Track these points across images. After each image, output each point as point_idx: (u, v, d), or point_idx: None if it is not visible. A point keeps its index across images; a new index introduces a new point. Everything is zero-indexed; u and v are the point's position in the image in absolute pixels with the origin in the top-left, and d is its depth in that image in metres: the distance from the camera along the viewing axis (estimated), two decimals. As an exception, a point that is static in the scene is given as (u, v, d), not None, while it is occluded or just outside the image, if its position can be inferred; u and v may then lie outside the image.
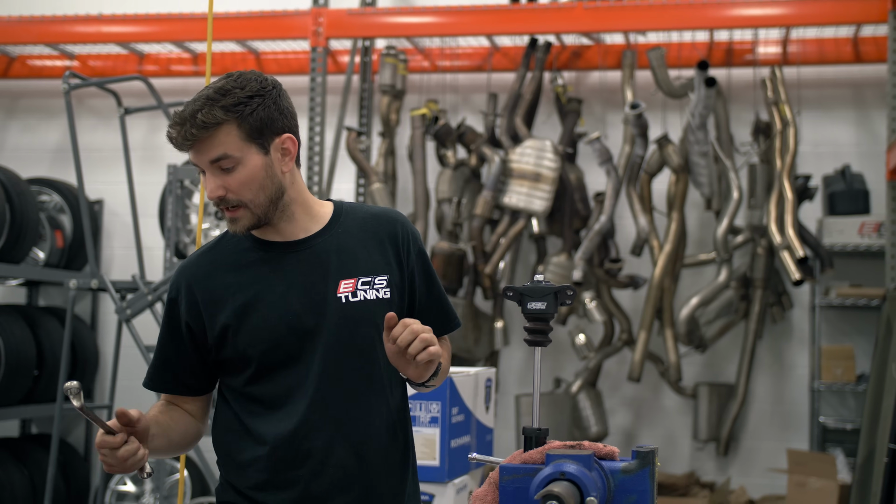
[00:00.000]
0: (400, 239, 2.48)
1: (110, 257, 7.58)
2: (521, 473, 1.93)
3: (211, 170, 2.30)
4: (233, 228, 2.35)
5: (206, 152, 2.28)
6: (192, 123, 2.25)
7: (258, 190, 2.32)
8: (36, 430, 7.48)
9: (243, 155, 2.29)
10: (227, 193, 2.30)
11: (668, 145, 6.43)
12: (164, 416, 2.44)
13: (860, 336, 6.56)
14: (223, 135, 2.27)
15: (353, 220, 2.48)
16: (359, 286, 2.40)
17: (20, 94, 7.91)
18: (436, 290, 2.54)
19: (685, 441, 6.75)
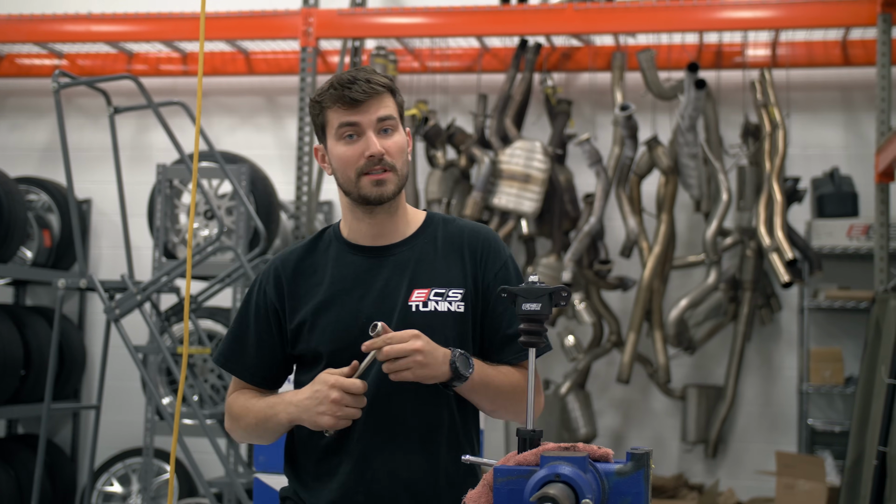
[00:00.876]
0: (479, 254, 2.48)
1: (98, 257, 7.56)
2: (516, 475, 1.92)
3: (375, 128, 2.40)
4: (380, 191, 2.41)
5: (376, 110, 2.40)
6: (366, 81, 2.39)
7: (404, 161, 2.45)
8: (22, 431, 7.44)
9: (398, 124, 2.45)
10: (386, 154, 2.40)
11: (657, 147, 6.43)
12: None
13: (848, 338, 6.57)
14: (388, 100, 2.43)
15: (441, 231, 2.51)
16: (431, 297, 2.43)
17: (8, 92, 7.88)
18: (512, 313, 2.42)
19: (674, 443, 6.76)
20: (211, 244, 5.23)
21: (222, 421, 5.51)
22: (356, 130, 2.40)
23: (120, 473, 6.82)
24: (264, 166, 6.79)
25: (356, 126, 2.40)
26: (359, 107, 2.39)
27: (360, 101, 2.38)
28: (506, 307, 2.45)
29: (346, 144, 2.41)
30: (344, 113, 2.40)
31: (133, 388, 6.95)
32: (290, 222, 6.87)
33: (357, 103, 2.38)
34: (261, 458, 3.47)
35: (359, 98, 2.38)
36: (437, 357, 2.29)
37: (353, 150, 2.40)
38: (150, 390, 5.37)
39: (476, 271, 2.47)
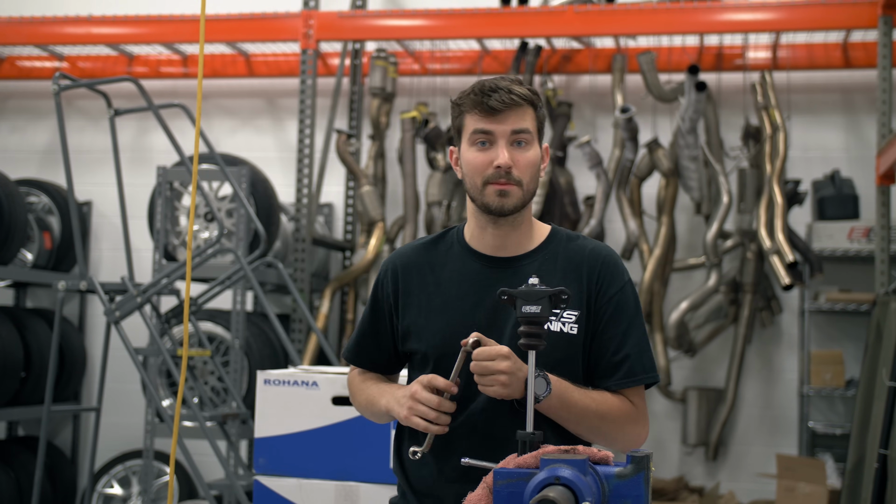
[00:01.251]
0: (597, 276, 2.45)
1: (98, 259, 7.56)
2: (516, 478, 1.92)
3: (508, 140, 2.39)
4: (501, 203, 2.40)
5: (513, 122, 2.39)
6: (508, 91, 2.38)
7: (533, 176, 2.44)
8: (23, 433, 7.44)
9: (534, 139, 2.44)
10: (513, 168, 2.39)
11: (657, 149, 6.43)
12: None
13: (849, 341, 6.57)
14: (527, 113, 2.42)
15: (563, 248, 2.49)
16: None
17: (9, 94, 7.88)
18: (627, 340, 2.43)
19: (674, 445, 6.75)
20: (211, 246, 5.22)
21: (222, 423, 5.51)
22: (489, 139, 2.40)
23: (120, 475, 6.82)
24: (265, 168, 6.78)
25: (489, 135, 2.39)
26: (495, 116, 2.38)
27: (497, 110, 2.37)
28: (615, 333, 2.41)
29: (478, 151, 2.41)
30: (480, 120, 2.40)
31: (133, 390, 6.95)
32: (290, 224, 6.86)
33: (494, 112, 2.38)
34: (261, 461, 3.47)
35: (496, 107, 2.37)
36: (520, 378, 2.25)
37: (483, 157, 2.40)
38: (150, 392, 5.36)
39: (592, 293, 2.44)
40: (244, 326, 6.02)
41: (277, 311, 7.15)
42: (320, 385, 3.40)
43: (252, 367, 6.14)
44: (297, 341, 6.43)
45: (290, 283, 5.69)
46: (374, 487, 3.33)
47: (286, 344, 5.39)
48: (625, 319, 2.42)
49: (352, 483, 3.35)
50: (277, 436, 3.42)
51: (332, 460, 3.37)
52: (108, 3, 7.45)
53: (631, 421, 2.40)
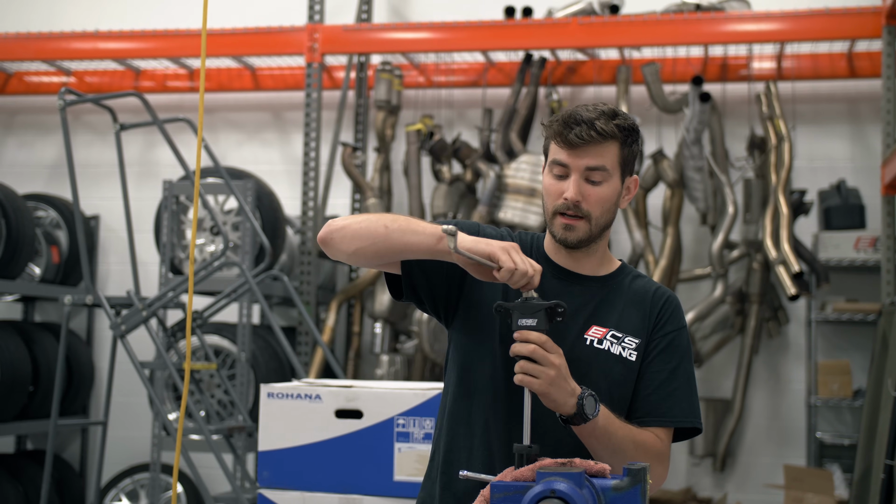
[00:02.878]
0: (659, 312, 2.45)
1: (106, 273, 7.58)
2: (513, 491, 1.93)
3: (581, 175, 2.37)
4: (565, 236, 2.40)
5: (589, 158, 2.37)
6: (590, 126, 2.35)
7: (605, 211, 2.41)
8: (31, 446, 7.46)
9: (612, 175, 2.39)
10: (582, 202, 2.37)
11: (663, 160, 6.44)
12: None
13: (857, 351, 6.55)
14: (609, 149, 2.38)
15: (630, 281, 2.49)
16: (608, 336, 2.40)
17: (17, 110, 7.92)
18: (675, 378, 2.41)
19: (682, 456, 6.74)
20: (216, 259, 5.24)
21: (228, 436, 5.52)
22: (564, 171, 2.39)
23: (128, 489, 6.83)
24: (271, 181, 6.80)
25: (565, 167, 2.39)
26: (574, 149, 2.36)
27: (575, 145, 2.36)
28: (663, 368, 2.41)
29: (553, 179, 2.41)
30: (559, 150, 2.39)
31: (141, 404, 6.96)
32: (296, 237, 6.88)
33: (573, 146, 2.36)
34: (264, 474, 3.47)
35: (575, 143, 2.36)
36: (566, 386, 2.20)
37: (556, 187, 2.40)
38: (157, 406, 5.38)
39: (650, 326, 2.44)
40: (250, 339, 6.03)
41: (284, 324, 7.17)
42: (324, 398, 3.40)
43: (258, 380, 6.14)
44: (303, 354, 6.44)
45: (295, 296, 5.70)
46: (378, 500, 3.33)
47: (290, 357, 5.40)
48: (676, 358, 2.42)
49: (355, 496, 3.35)
50: (281, 449, 3.42)
51: (335, 473, 3.37)
52: (114, 18, 7.49)
53: (661, 460, 2.38)
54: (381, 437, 3.33)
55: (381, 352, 6.66)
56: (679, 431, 2.44)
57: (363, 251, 2.39)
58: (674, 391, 2.39)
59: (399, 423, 3.32)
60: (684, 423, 2.39)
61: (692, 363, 2.46)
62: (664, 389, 2.39)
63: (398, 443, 3.32)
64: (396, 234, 2.35)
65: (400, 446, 3.32)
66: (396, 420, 3.32)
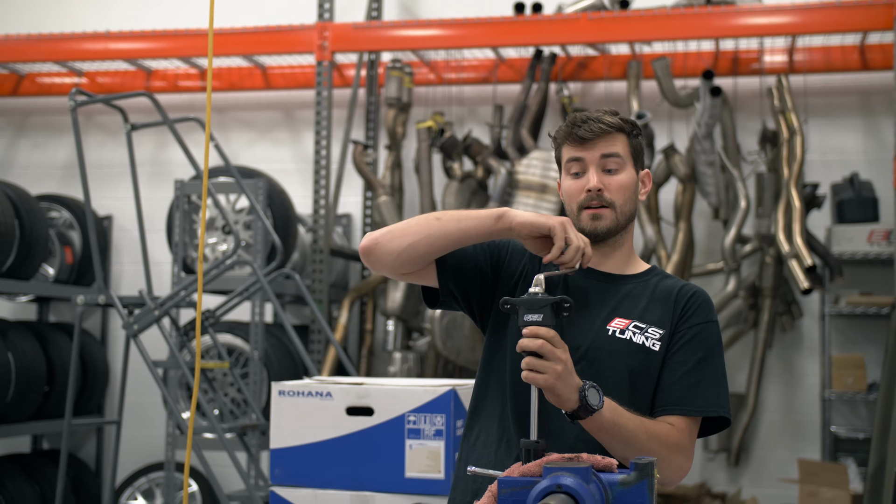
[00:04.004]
0: (684, 303, 2.47)
1: (120, 272, 7.61)
2: (520, 486, 1.92)
3: (599, 165, 2.48)
4: (594, 226, 2.47)
5: (603, 147, 2.47)
6: (598, 121, 2.48)
7: (628, 199, 2.50)
8: (47, 446, 7.49)
9: (627, 163, 2.50)
10: (605, 191, 2.47)
11: (674, 155, 6.42)
12: None
13: (871, 344, 6.53)
14: (618, 140, 2.50)
15: (658, 280, 2.53)
16: (630, 327, 2.43)
17: (30, 111, 7.95)
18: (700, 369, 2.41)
19: (696, 451, 6.70)
20: (228, 258, 5.25)
21: (241, 434, 5.53)
22: (581, 167, 2.49)
23: (143, 488, 6.85)
24: (282, 180, 6.81)
25: (581, 162, 2.48)
26: (585, 144, 2.48)
27: (587, 139, 2.47)
28: (689, 359, 2.41)
29: (572, 179, 2.50)
30: (572, 149, 2.50)
31: (155, 403, 6.98)
32: (307, 236, 6.89)
33: (584, 141, 2.47)
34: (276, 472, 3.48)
35: (586, 136, 2.47)
36: (571, 381, 2.20)
37: (577, 184, 2.49)
38: (170, 405, 5.39)
39: (676, 318, 2.46)
40: (263, 338, 6.04)
41: (297, 322, 7.18)
42: (334, 395, 3.40)
43: (271, 379, 6.15)
44: (315, 352, 6.44)
45: (307, 295, 5.70)
46: (390, 497, 3.33)
47: (302, 355, 5.41)
48: (702, 350, 2.42)
49: (367, 493, 3.35)
50: (293, 447, 3.43)
51: (347, 470, 3.37)
52: (125, 19, 7.51)
53: (678, 451, 2.36)
54: (392, 434, 3.33)
55: (394, 349, 6.66)
56: (708, 424, 2.44)
57: (416, 245, 2.45)
58: (698, 382, 2.39)
59: (410, 420, 3.32)
60: (708, 412, 2.38)
61: (722, 357, 2.46)
62: (688, 380, 2.39)
63: (409, 439, 3.32)
64: (451, 223, 2.44)
65: (411, 443, 3.32)
66: (407, 417, 3.32)
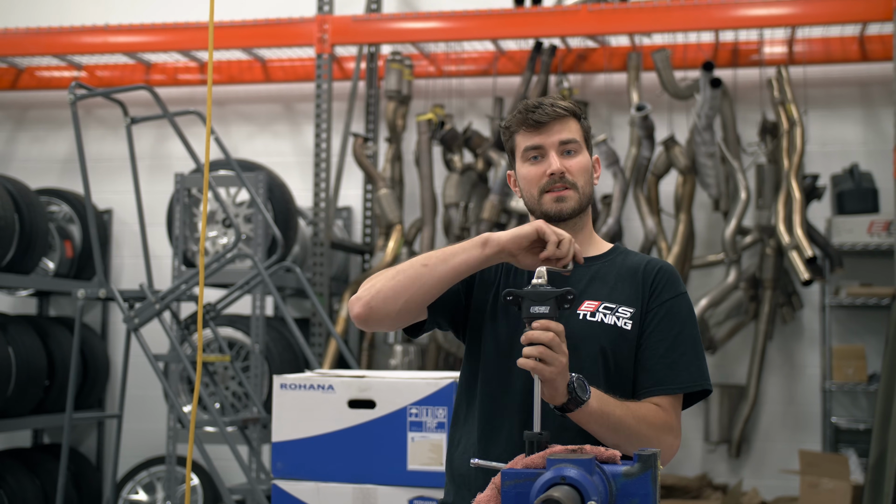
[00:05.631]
0: (653, 281, 2.48)
1: (120, 266, 7.61)
2: (523, 478, 1.93)
3: (557, 150, 2.50)
4: (559, 207, 2.49)
5: (559, 133, 2.50)
6: (552, 105, 2.51)
7: (587, 181, 2.54)
8: (48, 440, 7.50)
9: (582, 146, 2.54)
10: (566, 173, 2.49)
11: (674, 147, 6.42)
12: None
13: (871, 335, 6.53)
14: (572, 124, 2.53)
15: (623, 258, 2.55)
16: (600, 308, 2.44)
17: (29, 105, 7.94)
18: (677, 345, 2.42)
19: (697, 443, 6.73)
20: (228, 252, 5.25)
21: (243, 428, 5.53)
22: (540, 152, 2.51)
23: (145, 481, 6.86)
24: (283, 173, 6.81)
25: (540, 148, 2.50)
26: (542, 129, 2.50)
27: (543, 123, 2.49)
28: (665, 336, 2.42)
29: (531, 165, 2.52)
30: (529, 136, 2.51)
31: (156, 397, 6.99)
32: (308, 229, 6.89)
33: (541, 125, 2.49)
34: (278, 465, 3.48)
35: (542, 120, 2.49)
36: (566, 376, 2.21)
37: (537, 169, 2.51)
38: (172, 399, 5.40)
39: (646, 295, 2.46)
40: (264, 331, 6.04)
41: (298, 316, 7.18)
42: (336, 388, 3.40)
43: (272, 372, 6.16)
44: (316, 345, 6.45)
45: (308, 288, 5.70)
46: (392, 490, 3.34)
47: (304, 348, 5.41)
48: (677, 325, 2.44)
49: (369, 486, 3.36)
50: (295, 440, 3.43)
51: (349, 463, 3.38)
52: (124, 12, 7.50)
53: (667, 430, 2.39)
54: (394, 426, 3.34)
55: (395, 342, 6.66)
56: (689, 395, 2.46)
57: (413, 300, 2.40)
58: (679, 358, 2.41)
59: (412, 413, 3.33)
60: (693, 387, 2.41)
61: (696, 327, 2.47)
62: (669, 357, 2.41)
63: (411, 432, 3.32)
64: (440, 265, 2.38)
65: (413, 436, 3.32)
66: (409, 409, 3.32)
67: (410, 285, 2.38)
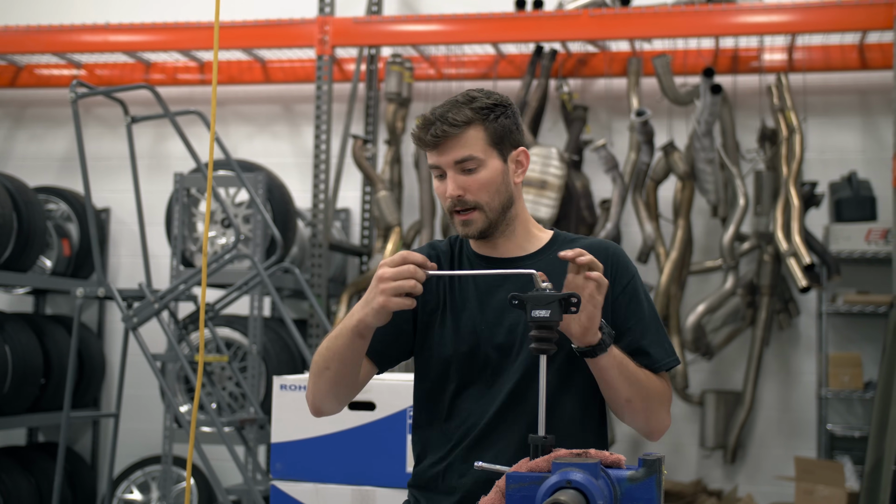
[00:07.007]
0: (608, 269, 2.43)
1: (117, 265, 7.60)
2: (528, 482, 1.93)
3: (454, 170, 2.38)
4: (465, 231, 2.42)
5: (453, 151, 2.37)
6: (442, 122, 2.35)
7: (494, 194, 2.40)
8: (43, 439, 7.48)
9: (486, 158, 2.39)
10: (465, 194, 2.38)
11: (673, 152, 6.43)
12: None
13: (867, 343, 6.54)
14: (470, 136, 2.37)
15: (566, 247, 2.46)
16: None
17: (28, 103, 7.94)
18: (650, 326, 2.44)
19: (692, 449, 6.74)
20: (227, 252, 5.25)
21: (240, 428, 5.53)
22: (440, 172, 2.42)
23: (139, 481, 6.85)
24: (281, 174, 6.81)
25: (438, 168, 2.42)
26: (437, 148, 2.39)
27: (436, 144, 2.38)
28: (638, 319, 2.43)
29: (437, 181, 2.44)
30: (429, 154, 2.42)
31: (152, 396, 6.98)
32: (307, 230, 6.89)
33: (435, 146, 2.39)
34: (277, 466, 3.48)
35: (432, 143, 2.38)
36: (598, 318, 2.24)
37: (441, 188, 2.43)
38: (168, 398, 5.39)
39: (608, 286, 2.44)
40: (262, 332, 6.04)
41: (295, 317, 7.17)
42: (336, 390, 3.40)
43: (270, 373, 6.15)
44: (314, 346, 6.44)
45: (306, 289, 5.70)
46: (391, 492, 3.34)
47: (302, 349, 5.41)
48: (643, 307, 2.45)
49: (368, 487, 3.36)
50: (294, 441, 3.43)
51: (348, 465, 3.38)
52: (124, 11, 7.50)
53: (668, 402, 2.43)
54: (393, 428, 3.35)
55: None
56: None
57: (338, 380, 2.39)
58: (656, 336, 2.43)
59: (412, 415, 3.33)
60: (670, 363, 2.41)
61: (651, 299, 2.48)
62: (650, 338, 2.42)
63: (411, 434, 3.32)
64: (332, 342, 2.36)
65: (412, 438, 3.32)
66: (409, 411, 3.33)
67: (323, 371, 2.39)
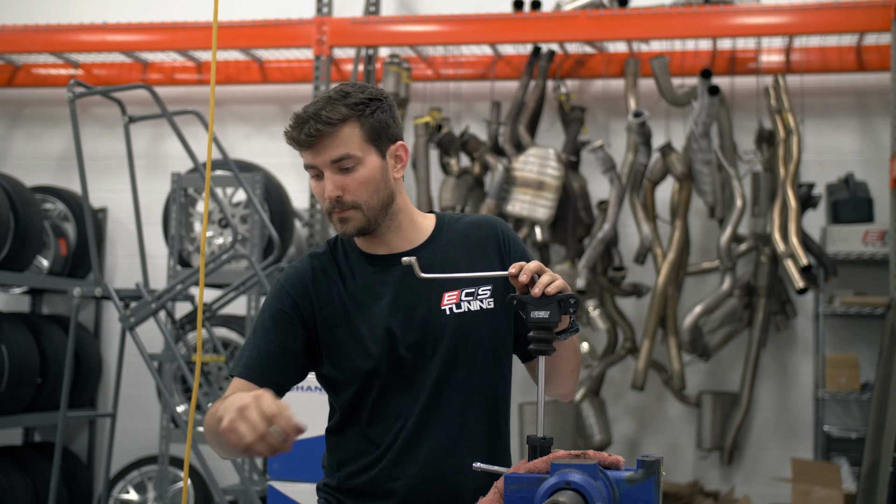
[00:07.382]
0: (501, 245, 2.45)
1: (114, 265, 7.59)
2: (526, 483, 1.93)
3: (330, 169, 2.31)
4: (343, 230, 2.36)
5: (328, 151, 2.30)
6: (316, 120, 2.28)
7: (374, 192, 2.33)
8: (39, 439, 7.47)
9: (364, 155, 2.32)
10: (344, 194, 2.31)
11: (671, 153, 6.43)
12: None
13: (864, 345, 6.55)
14: (346, 134, 2.30)
15: (454, 230, 2.47)
16: (463, 297, 2.40)
17: (25, 102, 7.93)
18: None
19: (689, 450, 6.74)
20: (225, 252, 5.25)
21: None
22: (316, 172, 2.34)
23: (136, 481, 6.84)
24: (279, 174, 6.81)
25: (314, 168, 2.33)
26: (312, 148, 2.30)
27: (310, 144, 2.30)
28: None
29: (314, 182, 2.36)
30: (304, 154, 2.34)
31: (149, 396, 6.97)
32: (304, 230, 6.88)
33: (309, 146, 2.31)
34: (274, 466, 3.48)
35: (307, 142, 2.30)
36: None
37: (318, 189, 2.35)
38: (165, 398, 5.39)
39: (502, 264, 2.43)
40: (259, 332, 6.02)
41: (292, 317, 7.16)
42: (333, 390, 3.40)
43: (266, 373, 6.14)
44: (311, 347, 6.43)
45: (303, 289, 5.69)
46: (388, 492, 3.33)
47: (300, 349, 5.39)
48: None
49: (365, 488, 3.35)
50: (291, 441, 3.42)
51: (345, 465, 3.37)
52: (122, 11, 7.49)
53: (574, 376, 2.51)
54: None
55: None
56: None
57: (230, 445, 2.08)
58: None
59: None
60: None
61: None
62: None
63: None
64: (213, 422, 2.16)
65: (410, 438, 3.31)
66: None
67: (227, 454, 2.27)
